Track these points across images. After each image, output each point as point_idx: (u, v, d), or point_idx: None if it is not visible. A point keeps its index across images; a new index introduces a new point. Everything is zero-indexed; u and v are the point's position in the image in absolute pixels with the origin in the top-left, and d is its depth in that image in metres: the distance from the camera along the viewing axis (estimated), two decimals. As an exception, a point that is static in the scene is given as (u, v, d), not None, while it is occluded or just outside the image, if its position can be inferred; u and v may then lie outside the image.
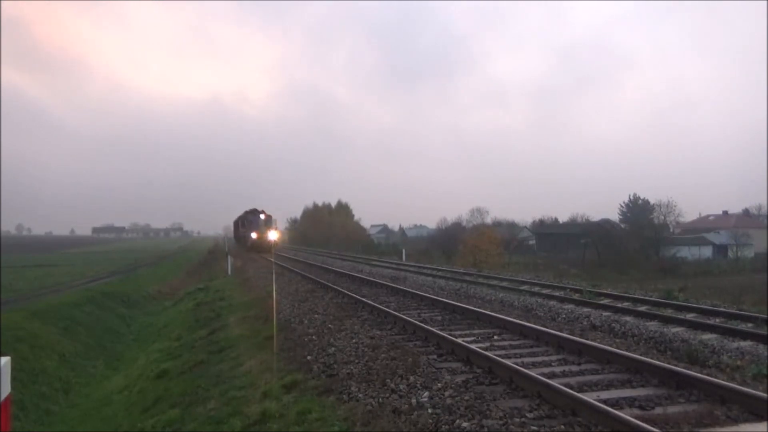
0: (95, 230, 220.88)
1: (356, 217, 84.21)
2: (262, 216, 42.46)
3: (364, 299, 12.59)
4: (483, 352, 6.81)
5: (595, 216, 67.04)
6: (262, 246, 40.93)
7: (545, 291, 15.06)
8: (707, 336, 8.95)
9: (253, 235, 41.70)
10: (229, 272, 26.41)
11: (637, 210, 64.56)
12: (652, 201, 63.68)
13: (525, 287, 15.97)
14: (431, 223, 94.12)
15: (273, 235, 34.85)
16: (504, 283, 17.24)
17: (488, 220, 71.21)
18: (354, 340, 8.44)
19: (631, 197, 66.96)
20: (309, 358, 7.78)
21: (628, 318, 10.63)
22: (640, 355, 6.73)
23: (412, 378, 6.13)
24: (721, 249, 57.28)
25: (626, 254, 41.31)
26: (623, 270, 35.50)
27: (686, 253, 51.53)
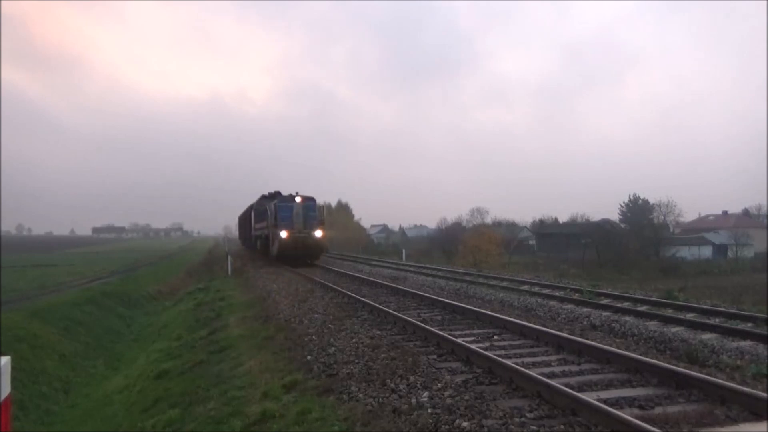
0: (95, 230, 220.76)
1: (356, 217, 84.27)
2: (297, 200, 25.03)
3: (364, 299, 12.59)
4: (483, 352, 6.81)
5: (595, 216, 67.27)
6: (309, 252, 25.48)
7: (545, 291, 15.06)
8: (707, 336, 8.95)
9: (283, 235, 24.26)
10: (229, 272, 26.41)
11: (637, 210, 64.61)
12: (652, 201, 63.92)
13: (525, 287, 15.97)
14: (431, 223, 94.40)
15: (319, 234, 24.01)
16: (504, 283, 17.24)
17: (488, 220, 71.41)
18: (354, 340, 8.44)
19: (631, 197, 67.03)
20: (309, 358, 7.77)
21: (627, 318, 10.63)
22: (640, 354, 6.73)
23: (412, 378, 6.13)
24: (721, 249, 57.33)
25: (626, 254, 41.33)
26: (623, 270, 35.52)
27: (686, 253, 51.59)
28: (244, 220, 41.01)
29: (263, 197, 31.20)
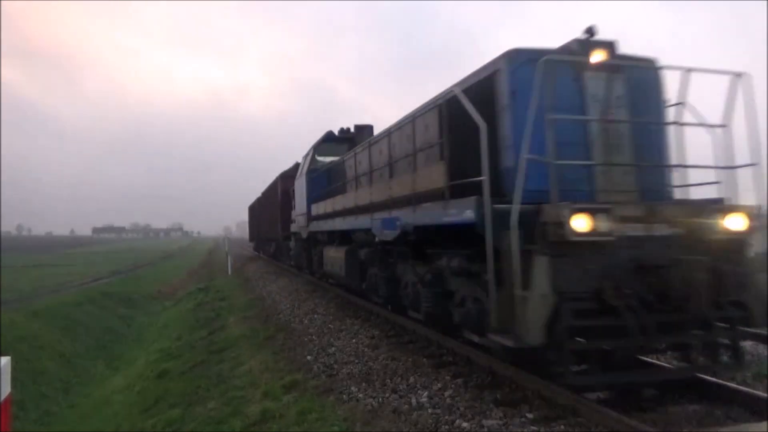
0: (95, 230, 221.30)
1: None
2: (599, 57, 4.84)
3: (364, 299, 12.55)
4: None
5: (595, 216, 67.23)
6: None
7: (545, 291, 15.05)
8: (707, 336, 8.94)
9: (579, 226, 4.05)
10: (229, 272, 26.42)
11: (637, 210, 64.63)
12: (652, 201, 63.86)
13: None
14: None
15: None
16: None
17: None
18: (354, 340, 8.44)
19: (631, 197, 67.02)
20: (309, 358, 7.78)
21: (628, 318, 10.62)
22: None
23: (412, 378, 6.13)
24: (721, 249, 57.30)
25: (626, 254, 41.31)
26: (623, 270, 35.47)
27: (686, 253, 51.54)
28: (265, 204, 22.62)
29: (327, 140, 14.06)
